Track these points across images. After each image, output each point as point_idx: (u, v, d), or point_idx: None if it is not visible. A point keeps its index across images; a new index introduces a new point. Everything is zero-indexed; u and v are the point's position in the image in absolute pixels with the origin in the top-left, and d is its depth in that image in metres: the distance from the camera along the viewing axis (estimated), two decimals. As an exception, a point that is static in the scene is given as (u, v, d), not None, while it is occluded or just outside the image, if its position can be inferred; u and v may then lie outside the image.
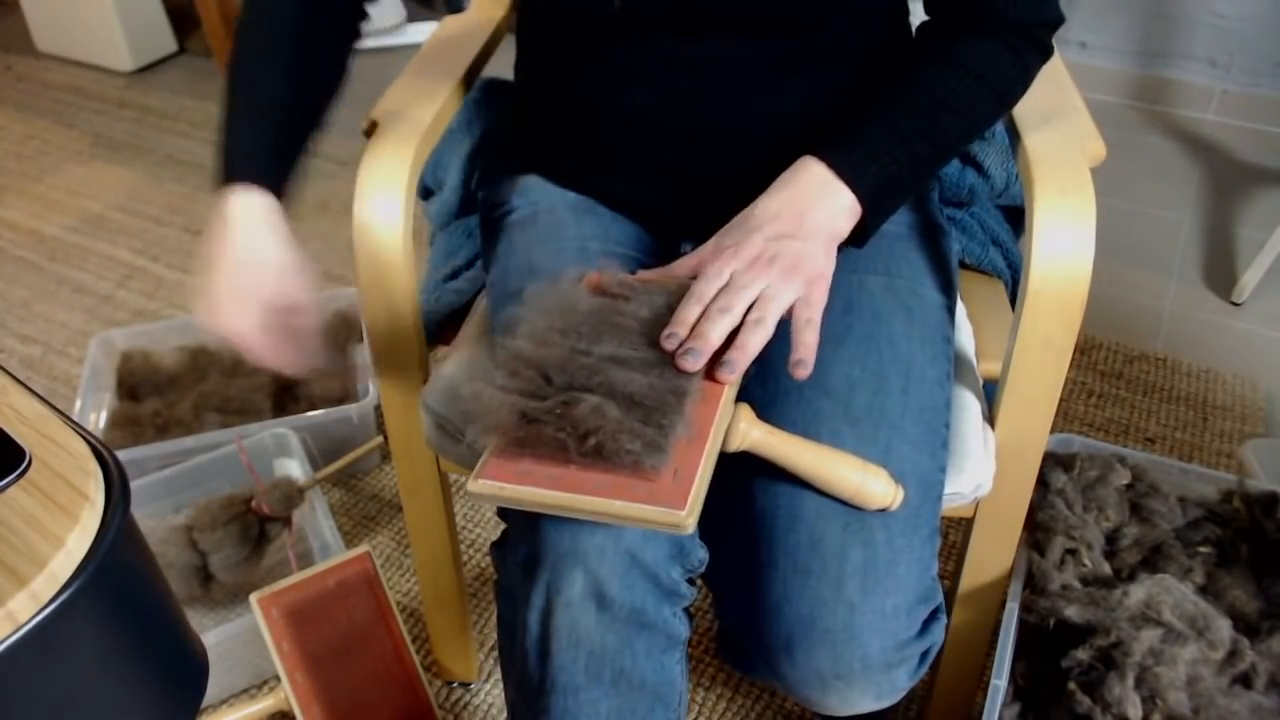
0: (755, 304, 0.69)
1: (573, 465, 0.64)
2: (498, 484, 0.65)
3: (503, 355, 0.70)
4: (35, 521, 0.47)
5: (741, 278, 0.70)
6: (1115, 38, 2.38)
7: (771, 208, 0.74)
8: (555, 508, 0.64)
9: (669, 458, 0.64)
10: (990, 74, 0.78)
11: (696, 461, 0.65)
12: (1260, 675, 0.88)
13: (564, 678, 0.71)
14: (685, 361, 0.67)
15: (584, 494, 0.63)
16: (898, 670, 0.74)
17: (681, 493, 0.62)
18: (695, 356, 0.67)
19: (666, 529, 0.62)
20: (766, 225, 0.72)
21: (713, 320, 0.68)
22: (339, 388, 1.55)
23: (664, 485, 0.63)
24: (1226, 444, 1.53)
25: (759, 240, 0.71)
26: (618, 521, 0.63)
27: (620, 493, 0.63)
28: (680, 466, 0.64)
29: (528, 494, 0.64)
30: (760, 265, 0.70)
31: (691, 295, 0.70)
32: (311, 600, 1.11)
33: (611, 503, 0.62)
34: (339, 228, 2.09)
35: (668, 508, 0.62)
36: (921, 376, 0.79)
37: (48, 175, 2.33)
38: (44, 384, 1.73)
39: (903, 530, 0.73)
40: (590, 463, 0.64)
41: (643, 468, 0.63)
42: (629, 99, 0.84)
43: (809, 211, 0.73)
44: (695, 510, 0.62)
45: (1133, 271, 1.88)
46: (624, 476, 0.64)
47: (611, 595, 0.70)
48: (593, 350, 0.69)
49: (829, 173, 0.74)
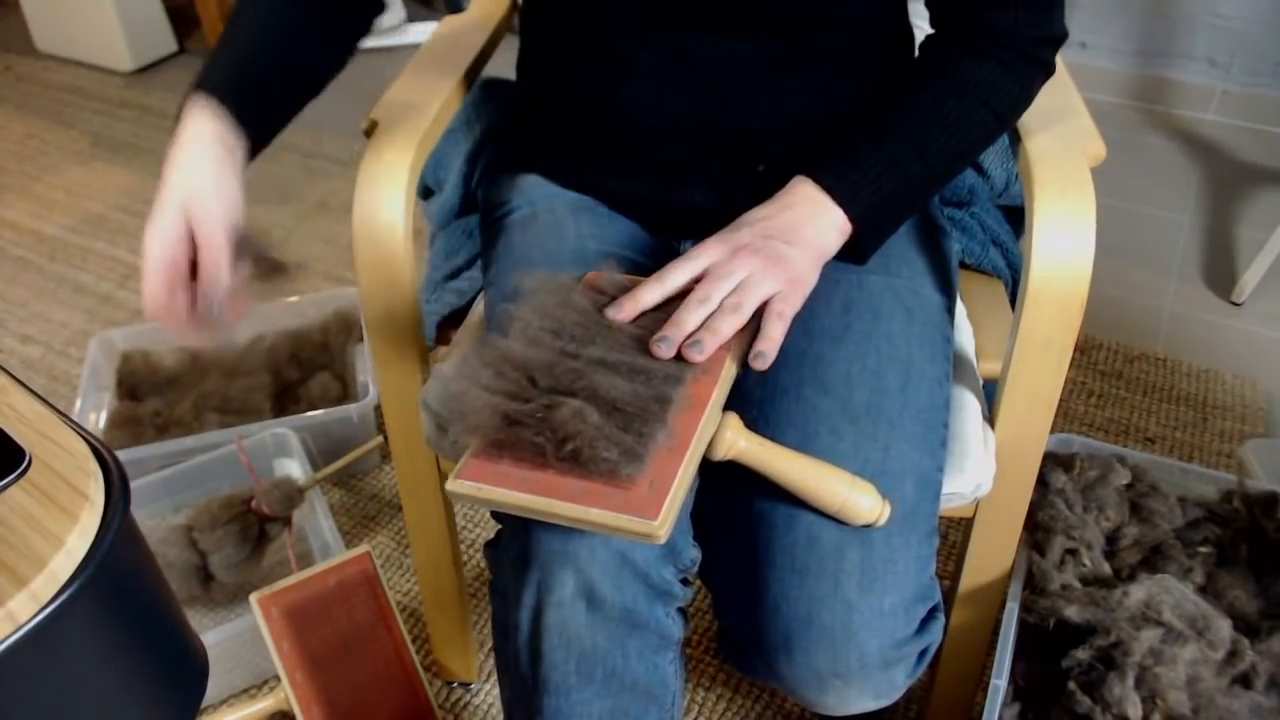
0: (734, 290, 0.70)
1: (550, 470, 0.65)
2: (475, 484, 0.65)
3: (490, 354, 0.70)
4: (35, 521, 0.47)
5: (722, 267, 0.71)
6: (1115, 38, 2.38)
7: (761, 213, 0.75)
8: (530, 511, 0.64)
9: (646, 467, 0.64)
10: (988, 94, 0.77)
11: (674, 471, 0.65)
12: (1260, 675, 0.88)
13: (555, 677, 0.71)
14: (658, 348, 0.68)
15: (559, 499, 0.63)
16: (896, 669, 0.74)
17: (656, 503, 0.63)
18: (668, 345, 0.69)
19: (639, 539, 0.63)
20: (756, 225, 0.73)
21: (690, 309, 0.70)
22: (339, 387, 1.55)
23: (639, 494, 0.63)
24: (1226, 444, 1.53)
25: (746, 234, 0.73)
26: (591, 529, 0.64)
27: (595, 500, 0.63)
28: (657, 476, 0.64)
29: (503, 496, 0.65)
30: (744, 255, 0.71)
31: (663, 278, 0.72)
32: (311, 600, 1.11)
33: (586, 510, 0.63)
34: (339, 228, 2.09)
35: (641, 517, 0.62)
36: (921, 375, 0.79)
37: (48, 175, 2.33)
38: (44, 384, 1.73)
39: (900, 529, 0.73)
40: (567, 468, 0.64)
41: (618, 476, 0.63)
42: (630, 94, 0.84)
43: (799, 225, 0.74)
44: (669, 521, 0.62)
45: (1133, 271, 1.88)
46: (600, 484, 0.64)
47: (602, 595, 0.70)
48: (581, 353, 0.69)
49: (821, 193, 0.75)
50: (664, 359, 0.69)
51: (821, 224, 0.74)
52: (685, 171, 0.86)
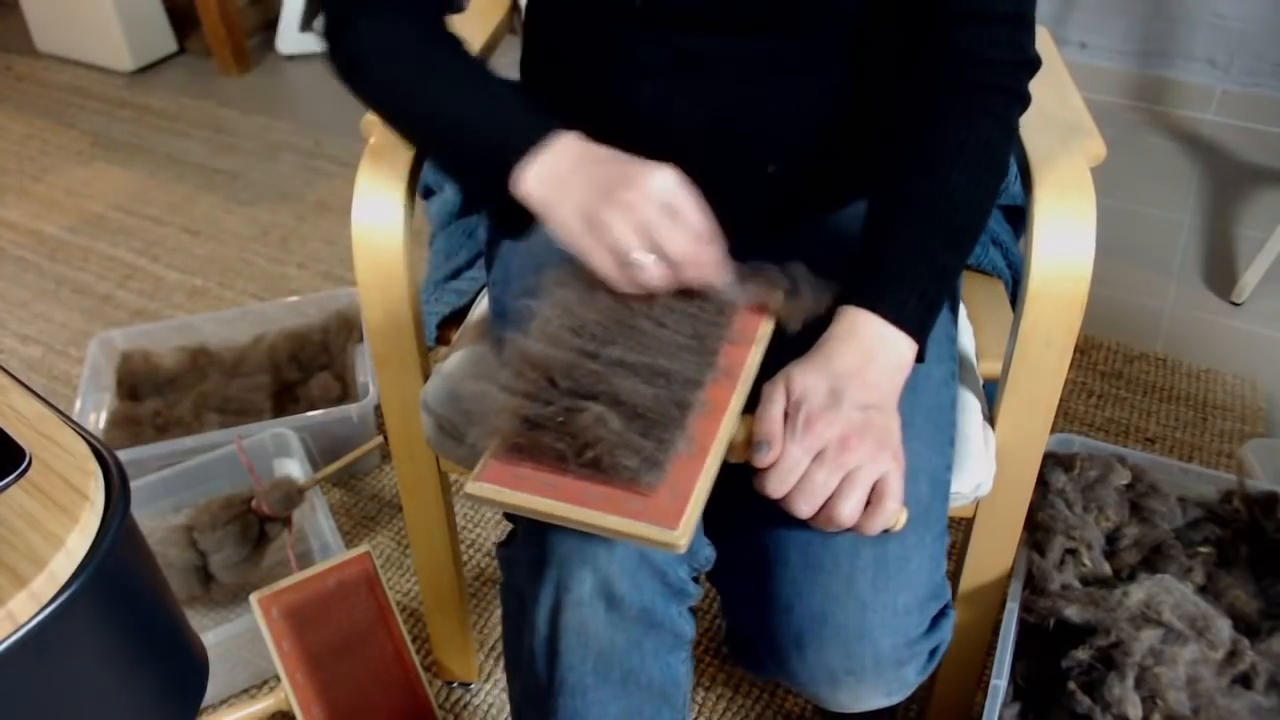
0: (847, 477, 0.67)
1: (570, 475, 0.64)
2: (495, 488, 0.65)
3: (510, 353, 0.69)
4: (35, 521, 0.47)
5: (835, 458, 0.67)
6: (1115, 38, 2.38)
7: (846, 364, 0.70)
8: (550, 516, 0.64)
9: (666, 474, 0.64)
10: (989, 158, 0.76)
11: (694, 479, 0.64)
12: (1260, 675, 0.88)
13: (572, 678, 0.71)
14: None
15: (579, 505, 0.63)
16: (908, 667, 0.74)
17: (676, 511, 0.62)
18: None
19: (659, 547, 0.62)
20: (852, 390, 0.69)
21: (804, 502, 0.67)
22: (339, 387, 1.55)
23: (659, 502, 0.63)
24: (1226, 444, 1.53)
25: (849, 409, 0.68)
26: (611, 536, 0.64)
27: (615, 507, 0.63)
28: (678, 483, 0.64)
29: (523, 500, 0.64)
30: (853, 443, 0.67)
31: (787, 464, 0.67)
32: (311, 600, 1.11)
33: (605, 516, 0.63)
34: (339, 228, 2.09)
35: (661, 526, 0.62)
36: (928, 375, 0.79)
37: (48, 175, 2.33)
38: (44, 384, 1.73)
39: (914, 527, 0.73)
40: (588, 474, 0.64)
41: (639, 484, 0.63)
42: (637, 95, 0.83)
43: (884, 379, 0.71)
44: (689, 530, 0.62)
45: (1133, 271, 1.88)
46: (620, 490, 0.63)
47: (621, 594, 0.70)
48: (601, 353, 0.69)
49: (882, 324, 0.71)
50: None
51: (895, 363, 0.72)
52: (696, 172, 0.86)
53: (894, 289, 0.72)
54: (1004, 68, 0.76)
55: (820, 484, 0.66)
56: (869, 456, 0.66)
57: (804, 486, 0.66)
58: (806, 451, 0.66)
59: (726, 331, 0.74)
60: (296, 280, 1.95)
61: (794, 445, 0.66)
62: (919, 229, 0.74)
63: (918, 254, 0.73)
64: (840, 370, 0.69)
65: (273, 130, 2.45)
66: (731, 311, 0.75)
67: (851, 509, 0.66)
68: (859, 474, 0.66)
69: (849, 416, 0.67)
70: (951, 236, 0.74)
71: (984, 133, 0.76)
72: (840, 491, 0.66)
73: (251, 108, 2.56)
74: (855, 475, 0.66)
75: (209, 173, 2.29)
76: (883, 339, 0.71)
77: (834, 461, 0.66)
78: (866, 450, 0.66)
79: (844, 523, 0.67)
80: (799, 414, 0.67)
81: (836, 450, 0.66)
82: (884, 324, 0.71)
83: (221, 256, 2.02)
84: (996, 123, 0.76)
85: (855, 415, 0.67)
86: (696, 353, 0.71)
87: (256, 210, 2.16)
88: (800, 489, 0.66)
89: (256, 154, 2.36)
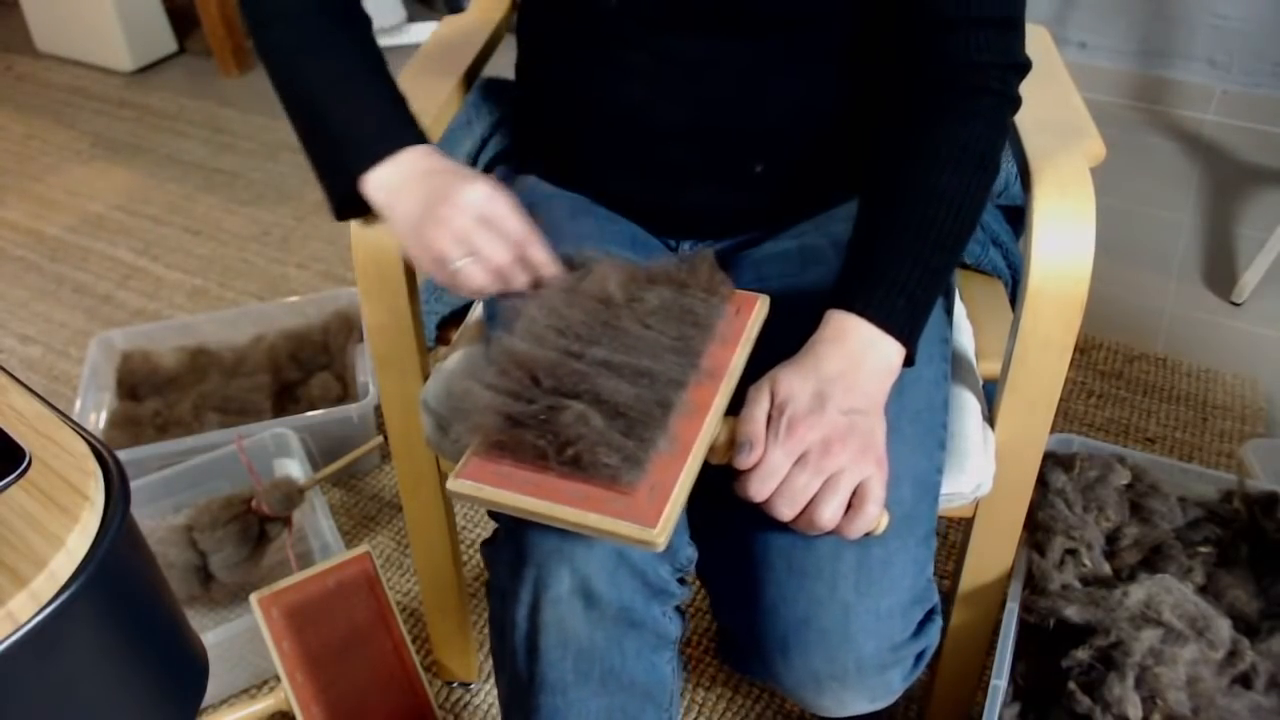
0: (829, 481, 0.67)
1: (551, 473, 0.65)
2: (476, 484, 0.65)
3: (495, 352, 0.70)
4: (35, 521, 0.47)
5: (817, 461, 0.67)
6: (1115, 38, 2.38)
7: (832, 368, 0.70)
8: (530, 513, 0.65)
9: (646, 473, 0.64)
10: (979, 160, 0.76)
11: (675, 478, 0.65)
12: (1260, 675, 0.88)
13: (553, 675, 0.71)
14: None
15: (559, 503, 0.64)
16: (892, 672, 0.74)
17: (655, 510, 0.63)
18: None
19: (638, 545, 0.63)
20: (837, 395, 0.69)
21: (784, 504, 0.67)
22: (339, 387, 1.55)
23: (639, 501, 0.63)
24: (1226, 444, 1.53)
25: (834, 413, 0.68)
26: (590, 533, 0.64)
27: (595, 505, 0.63)
28: (658, 482, 0.64)
29: (503, 497, 0.65)
30: (837, 447, 0.67)
31: (769, 467, 0.67)
32: (311, 600, 1.11)
33: (585, 514, 0.63)
34: (339, 228, 2.09)
35: (639, 524, 0.62)
36: (917, 377, 0.79)
37: (48, 175, 2.33)
38: (44, 384, 1.73)
39: (898, 531, 0.73)
40: (568, 472, 0.64)
41: (619, 482, 0.63)
42: (625, 95, 0.84)
43: (871, 383, 0.71)
44: (667, 529, 0.62)
45: (1133, 271, 1.88)
46: (600, 488, 0.64)
47: (599, 593, 0.70)
48: (585, 352, 0.69)
49: (870, 328, 0.71)
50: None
51: (883, 367, 0.72)
52: (683, 172, 0.86)
53: (882, 293, 0.72)
54: (993, 71, 0.76)
55: (801, 488, 0.66)
56: (851, 461, 0.67)
57: (785, 490, 0.67)
58: (788, 455, 0.67)
59: (711, 333, 0.74)
60: (296, 280, 1.95)
61: (776, 448, 0.67)
62: (907, 232, 0.74)
63: (906, 257, 0.73)
64: (827, 374, 0.70)
65: (273, 130, 2.45)
66: (717, 313, 0.75)
67: (832, 513, 0.66)
68: (840, 478, 0.66)
69: (833, 420, 0.67)
70: (941, 239, 0.74)
71: (973, 134, 0.75)
72: (821, 495, 0.66)
73: (251, 108, 2.56)
74: (836, 479, 0.66)
75: (209, 173, 2.30)
76: (870, 343, 0.72)
77: (815, 465, 0.66)
78: (849, 455, 0.67)
79: (824, 526, 0.67)
80: (782, 417, 0.67)
81: (818, 454, 0.66)
82: (871, 328, 0.71)
83: (221, 256, 2.02)
84: (986, 125, 0.76)
85: (839, 419, 0.67)
86: (680, 353, 0.71)
87: (256, 210, 2.16)
88: (781, 492, 0.67)
89: (256, 154, 2.36)
